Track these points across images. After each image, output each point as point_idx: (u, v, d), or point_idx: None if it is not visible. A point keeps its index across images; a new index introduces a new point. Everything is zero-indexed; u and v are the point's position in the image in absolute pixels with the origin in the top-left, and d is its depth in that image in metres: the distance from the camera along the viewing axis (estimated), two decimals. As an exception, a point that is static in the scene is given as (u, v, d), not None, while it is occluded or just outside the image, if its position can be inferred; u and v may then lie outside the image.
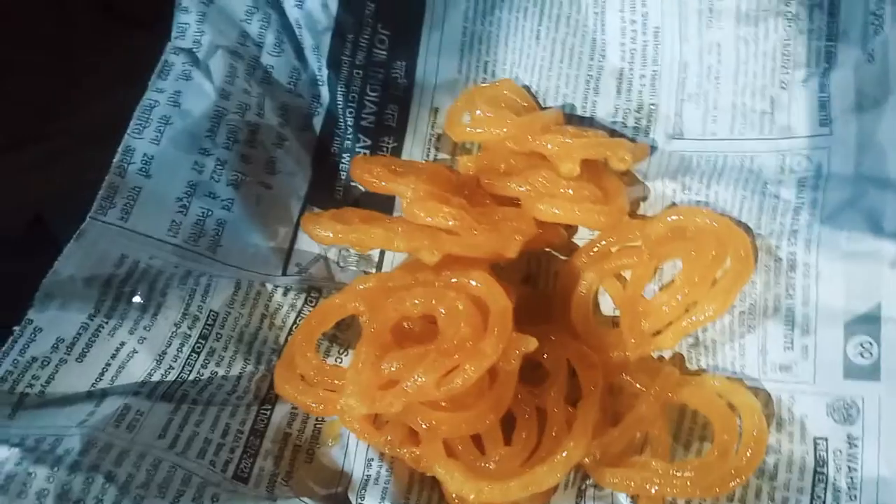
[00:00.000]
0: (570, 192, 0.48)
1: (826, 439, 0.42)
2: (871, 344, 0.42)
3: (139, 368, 0.44)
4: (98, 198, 0.46)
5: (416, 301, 0.44)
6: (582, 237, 0.53)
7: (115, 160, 0.47)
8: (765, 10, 0.48)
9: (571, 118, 0.53)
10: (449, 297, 0.44)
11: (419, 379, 0.41)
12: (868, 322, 0.43)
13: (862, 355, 0.43)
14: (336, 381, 0.44)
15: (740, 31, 0.49)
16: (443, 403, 0.44)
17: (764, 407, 0.44)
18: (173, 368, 0.45)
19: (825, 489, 0.42)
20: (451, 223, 0.45)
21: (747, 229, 0.47)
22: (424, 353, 0.42)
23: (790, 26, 0.47)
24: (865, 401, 0.42)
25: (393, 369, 0.42)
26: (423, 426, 0.43)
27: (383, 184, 0.48)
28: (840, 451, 0.42)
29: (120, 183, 0.47)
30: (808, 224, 0.45)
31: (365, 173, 0.48)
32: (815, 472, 0.42)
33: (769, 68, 0.48)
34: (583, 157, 0.49)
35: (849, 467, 0.42)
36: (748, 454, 0.42)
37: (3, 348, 0.41)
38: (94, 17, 0.58)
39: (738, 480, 0.42)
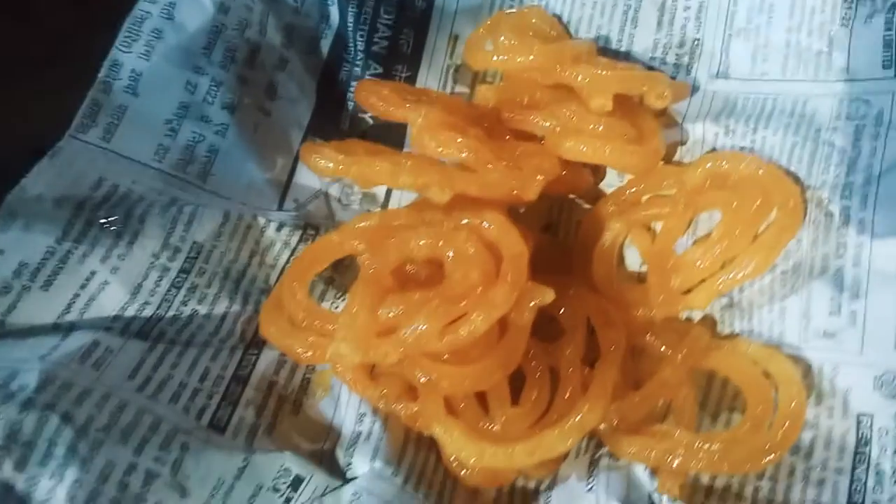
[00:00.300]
0: (601, 129, 0.44)
1: (871, 416, 0.39)
2: (930, 313, 0.38)
3: (112, 301, 0.41)
4: (79, 115, 0.43)
5: (422, 242, 0.40)
6: (610, 184, 0.49)
7: (99, 75, 0.43)
8: (829, -63, 0.44)
9: (606, 51, 0.49)
10: (458, 238, 0.40)
11: (420, 327, 0.37)
12: (928, 288, 0.39)
13: None
14: (328, 326, 0.40)
15: None
16: (445, 356, 0.39)
17: (803, 377, 0.40)
18: (150, 304, 0.42)
19: (867, 471, 0.38)
20: (464, 155, 0.40)
21: (796, 179, 0.43)
22: (428, 299, 0.38)
23: None
24: (920, 375, 0.38)
25: (391, 315, 0.38)
26: (423, 380, 0.39)
27: (391, 109, 0.43)
28: (886, 430, 0.38)
29: (104, 100, 0.43)
30: (865, 176, 0.41)
31: (371, 95, 0.43)
32: (857, 451, 0.39)
33: (829, 3, 0.44)
34: (616, 92, 0.45)
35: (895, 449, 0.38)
36: (784, 429, 0.39)
37: (-41, 272, 0.38)
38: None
39: (771, 457, 0.38)
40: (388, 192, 0.49)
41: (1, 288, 0.38)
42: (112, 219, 0.41)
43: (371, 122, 0.49)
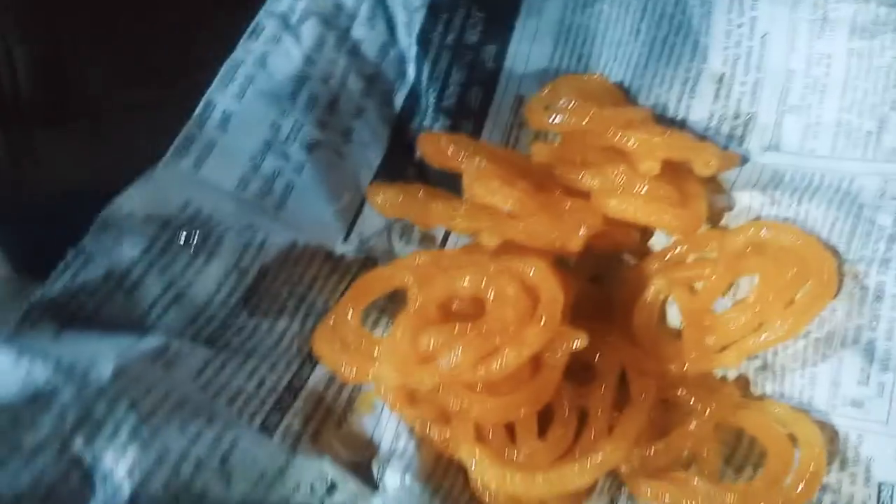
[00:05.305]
0: (645, 190, 0.46)
1: (892, 486, 0.40)
2: (957, 390, 0.39)
3: (185, 311, 0.45)
4: (173, 146, 0.47)
5: (467, 280, 0.43)
6: (657, 243, 0.50)
7: (195, 112, 0.48)
8: (882, 24, 0.46)
9: (662, 119, 0.51)
10: (500, 280, 0.42)
11: (455, 357, 0.40)
12: (956, 366, 0.39)
13: None
14: (374, 350, 0.43)
15: (854, 44, 0.47)
16: (479, 387, 0.42)
17: (828, 443, 0.41)
18: (218, 316, 0.45)
19: (883, 539, 0.38)
20: (510, 204, 0.43)
21: (835, 252, 0.44)
22: (465, 332, 0.41)
23: None
24: (943, 450, 0.39)
25: (431, 344, 0.41)
26: (455, 406, 0.41)
27: (449, 159, 0.46)
28: (905, 501, 0.39)
29: (197, 134, 0.48)
30: None
31: (430, 146, 0.47)
32: None
33: (881, 86, 0.46)
34: (665, 157, 0.46)
35: (913, 520, 0.38)
36: (800, 487, 0.39)
37: (56, 271, 0.42)
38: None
39: (783, 512, 0.39)
40: (446, 236, 0.52)
41: (90, 290, 0.42)
42: (193, 237, 0.45)
43: (436, 169, 0.52)
